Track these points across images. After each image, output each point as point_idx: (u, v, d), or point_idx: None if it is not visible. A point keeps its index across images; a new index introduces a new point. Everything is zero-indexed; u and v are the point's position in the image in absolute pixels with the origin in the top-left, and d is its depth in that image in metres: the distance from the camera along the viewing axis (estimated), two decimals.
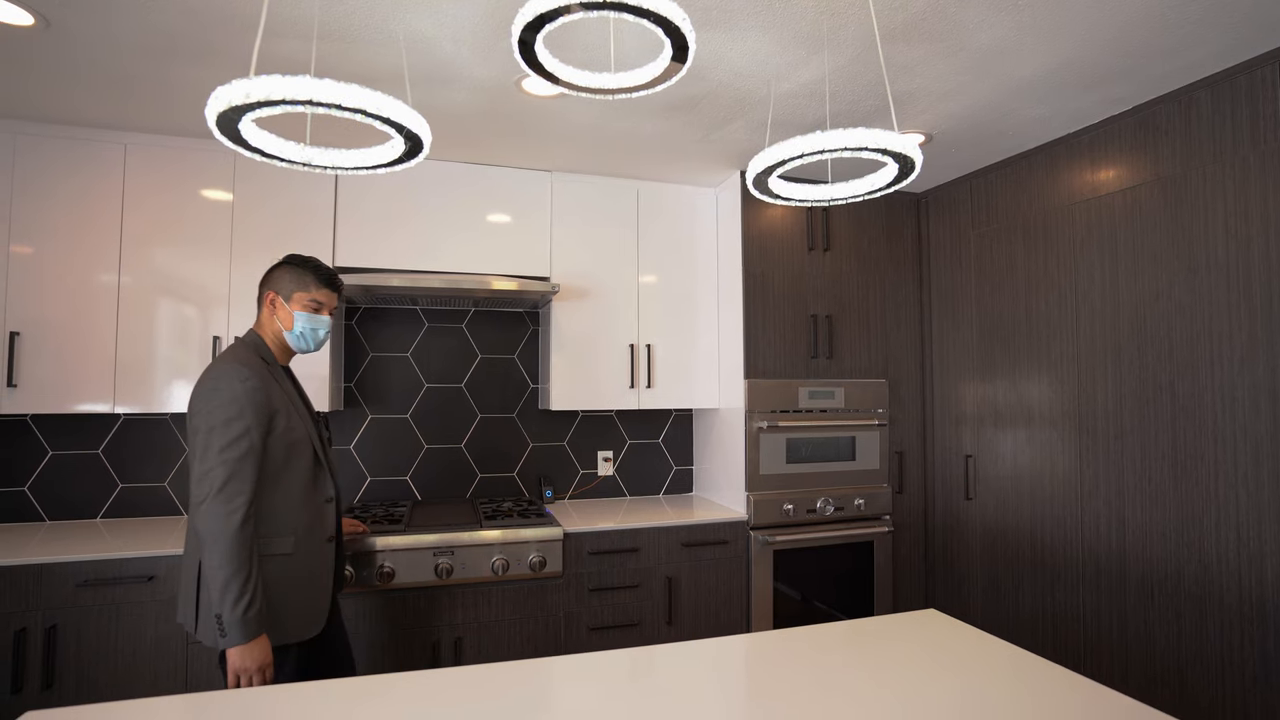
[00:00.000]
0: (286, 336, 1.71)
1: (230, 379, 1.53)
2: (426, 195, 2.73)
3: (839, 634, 1.45)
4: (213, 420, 1.49)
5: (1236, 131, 1.94)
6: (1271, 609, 1.84)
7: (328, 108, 0.83)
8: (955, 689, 1.17)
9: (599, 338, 2.89)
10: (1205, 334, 2.00)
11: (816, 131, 1.00)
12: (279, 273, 1.71)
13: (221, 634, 1.44)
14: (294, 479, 1.62)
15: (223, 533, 1.44)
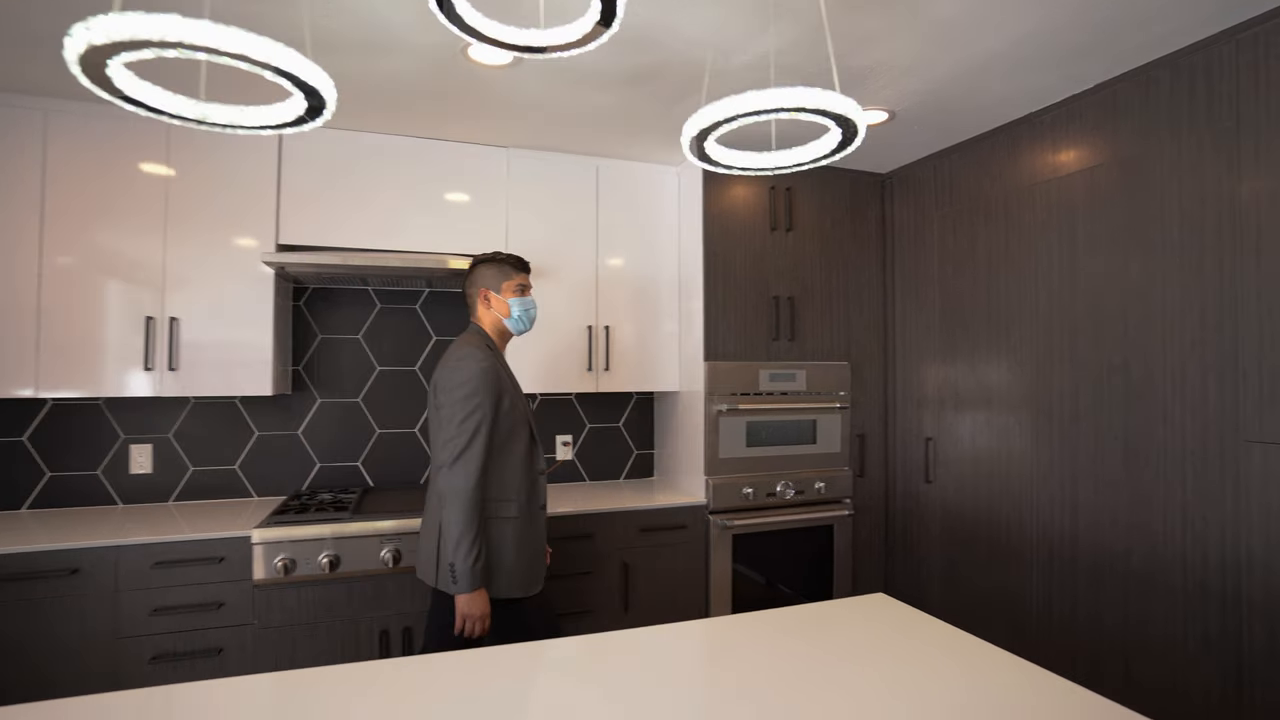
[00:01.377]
0: (507, 323, 1.92)
1: (470, 360, 1.75)
2: (378, 171, 2.61)
3: (788, 619, 1.42)
4: (455, 395, 1.72)
5: (1193, 111, 1.92)
6: (1214, 589, 1.85)
7: (201, 52, 0.74)
8: (896, 673, 1.14)
9: (556, 319, 2.81)
10: (1159, 316, 1.99)
11: (750, 91, 0.94)
12: (480, 272, 1.92)
13: (453, 580, 1.67)
14: (516, 452, 1.81)
15: (460, 492, 1.67)
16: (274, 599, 2.15)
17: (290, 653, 2.16)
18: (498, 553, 1.74)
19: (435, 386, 1.78)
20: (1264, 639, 1.75)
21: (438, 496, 1.73)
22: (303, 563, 2.17)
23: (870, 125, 2.54)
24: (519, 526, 1.79)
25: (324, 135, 2.56)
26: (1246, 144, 1.80)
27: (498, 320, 1.92)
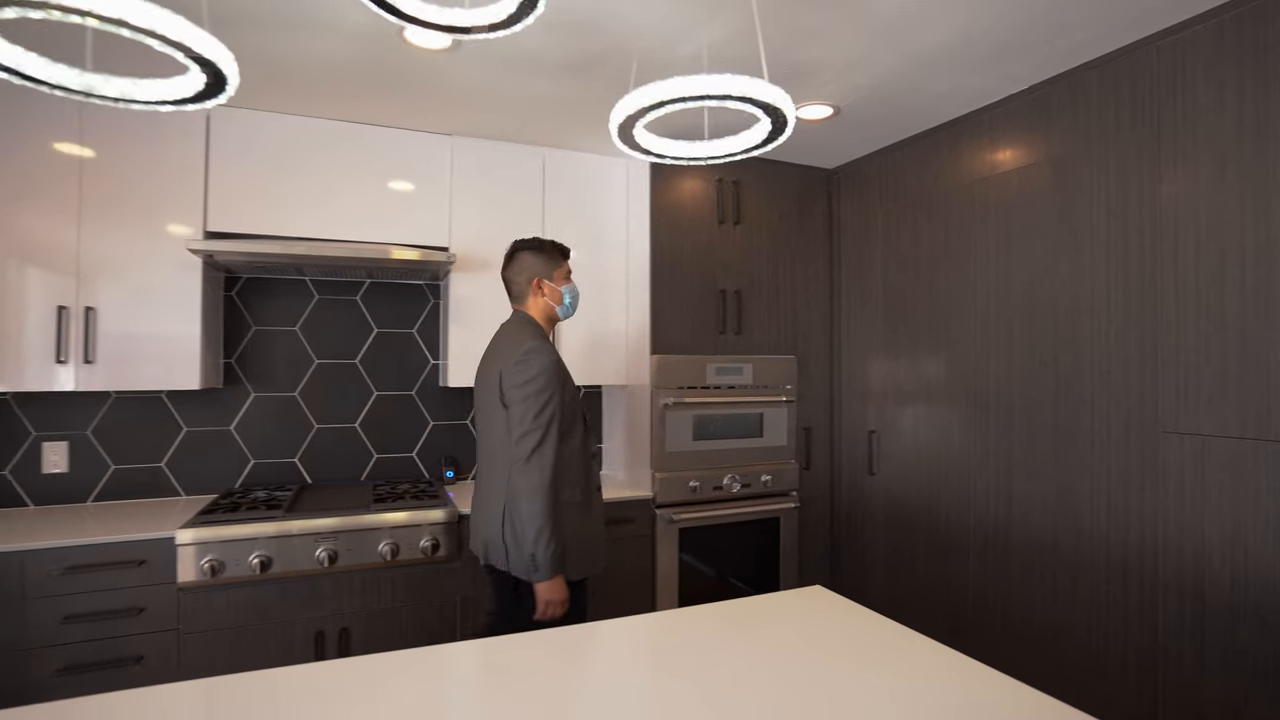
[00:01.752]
0: (558, 310, 1.94)
1: (540, 354, 1.76)
2: (318, 158, 2.52)
3: (729, 613, 1.42)
4: (527, 390, 1.73)
5: (1119, 114, 1.98)
6: (1134, 572, 1.93)
7: (75, 15, 0.68)
8: (825, 665, 1.15)
9: (501, 312, 2.75)
10: (1086, 310, 2.06)
11: (675, 77, 0.92)
12: (528, 259, 1.91)
13: (534, 569, 1.70)
14: (576, 439, 1.84)
15: (539, 486, 1.69)
16: (201, 603, 2.06)
17: (220, 658, 2.07)
18: (563, 538, 1.76)
19: (501, 379, 1.79)
20: (1176, 618, 1.83)
21: (501, 484, 1.79)
22: (232, 564, 2.08)
23: (815, 120, 2.55)
24: (581, 511, 1.83)
25: (259, 119, 2.44)
26: (1166, 146, 1.86)
27: (549, 307, 1.93)
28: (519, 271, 1.92)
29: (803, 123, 2.58)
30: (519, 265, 1.92)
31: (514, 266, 1.93)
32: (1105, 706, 2.00)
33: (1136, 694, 1.92)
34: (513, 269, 1.94)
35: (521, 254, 1.93)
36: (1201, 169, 1.79)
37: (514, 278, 1.94)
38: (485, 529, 1.84)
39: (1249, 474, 1.69)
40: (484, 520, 1.85)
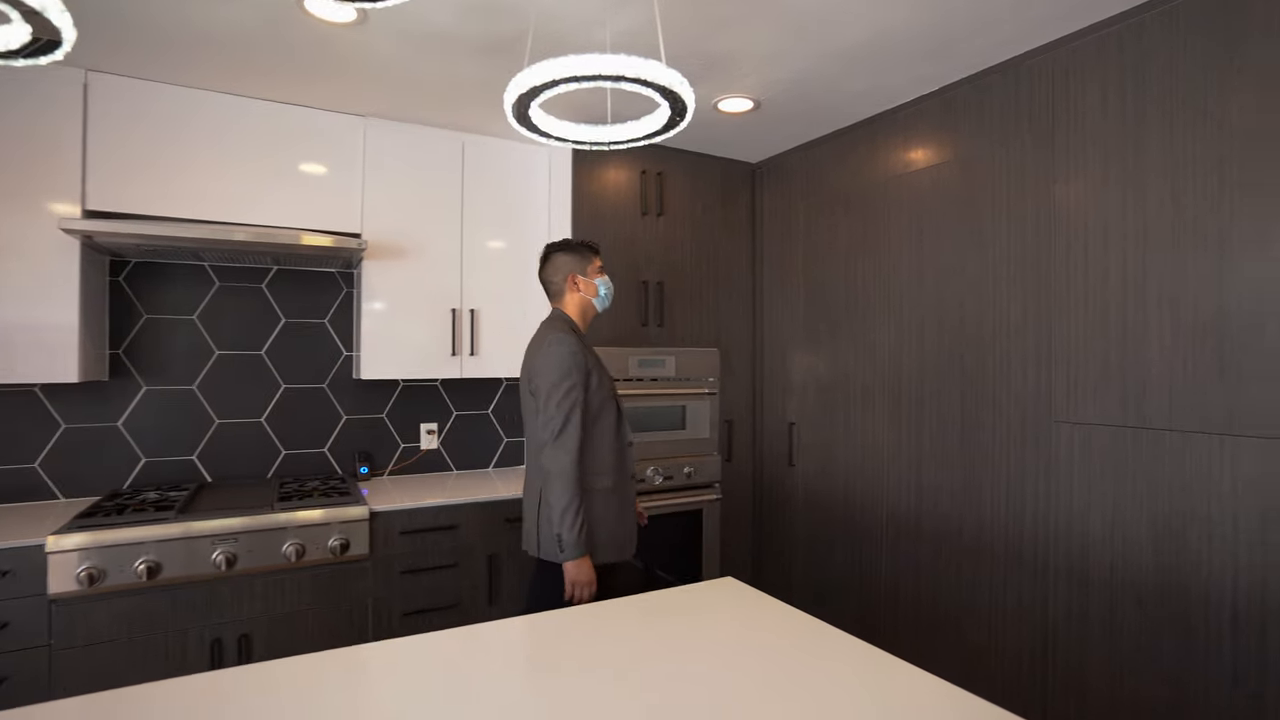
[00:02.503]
0: (595, 302, 2.04)
1: (561, 345, 1.85)
2: (218, 134, 2.35)
3: (643, 605, 1.41)
4: (550, 379, 1.83)
5: (1019, 117, 2.06)
6: (1027, 558, 2.03)
7: None
8: (729, 655, 1.15)
9: (418, 301, 2.66)
10: (990, 308, 2.14)
11: (569, 55, 0.88)
12: (561, 260, 2.02)
13: (560, 550, 1.79)
14: (605, 427, 1.92)
15: (562, 470, 1.78)
16: (77, 615, 1.90)
17: (101, 675, 1.92)
18: (593, 522, 1.86)
19: (529, 372, 1.91)
20: (1064, 600, 1.93)
21: (538, 473, 1.88)
22: (114, 571, 1.93)
23: (737, 113, 2.56)
24: (611, 498, 1.91)
25: (150, 90, 2.26)
26: (1059, 149, 1.95)
27: (586, 301, 2.04)
28: (555, 271, 2.03)
29: (724, 115, 2.58)
30: (554, 265, 2.04)
31: (550, 267, 2.04)
32: (1003, 687, 2.10)
33: (1030, 673, 2.02)
34: (549, 270, 2.05)
35: (555, 255, 2.04)
36: (1089, 170, 1.88)
37: (551, 278, 2.05)
38: (526, 520, 1.97)
39: (1126, 459, 1.79)
40: (526, 511, 1.98)
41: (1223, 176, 1.62)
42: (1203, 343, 1.65)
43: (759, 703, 1.01)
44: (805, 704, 1.01)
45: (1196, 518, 1.67)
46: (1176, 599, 1.70)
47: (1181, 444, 1.69)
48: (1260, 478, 1.56)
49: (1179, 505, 1.70)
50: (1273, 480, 1.54)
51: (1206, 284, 1.65)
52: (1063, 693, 1.94)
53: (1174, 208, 1.71)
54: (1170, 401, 1.71)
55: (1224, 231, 1.62)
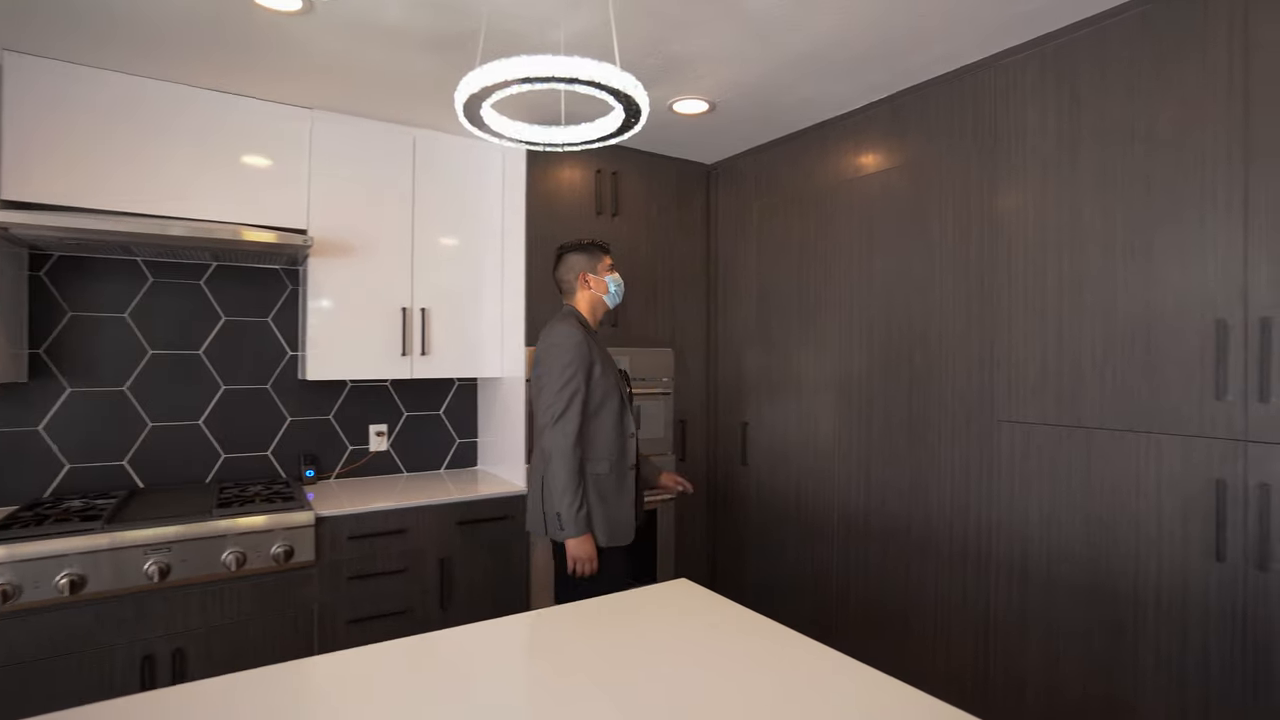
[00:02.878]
0: (605, 299, 2.15)
1: (565, 335, 1.98)
2: (153, 123, 2.24)
3: (596, 609, 1.40)
4: (552, 366, 1.95)
5: (963, 127, 2.12)
6: (971, 551, 2.10)
7: None
8: (687, 657, 1.15)
9: (367, 300, 2.59)
10: (936, 310, 2.20)
11: (522, 55, 0.87)
12: (573, 260, 2.13)
13: (560, 528, 1.92)
14: (607, 416, 2.03)
15: (561, 450, 1.91)
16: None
17: (16, 700, 1.80)
18: (591, 504, 1.97)
19: (536, 359, 2.03)
20: (1005, 593, 2.01)
21: (542, 459, 1.98)
22: (31, 586, 1.82)
23: (693, 115, 2.57)
24: (609, 483, 2.02)
25: (76, 73, 2.13)
26: (1001, 158, 2.02)
27: (596, 298, 2.14)
28: (568, 270, 2.14)
29: (680, 117, 2.59)
30: (567, 265, 2.14)
31: (562, 266, 2.15)
32: (948, 679, 2.16)
33: (973, 663, 2.09)
34: (561, 269, 2.15)
35: (568, 255, 2.15)
36: (1028, 181, 1.95)
37: (564, 276, 2.15)
38: (529, 503, 2.08)
39: (1062, 457, 1.87)
40: (530, 495, 2.08)
41: (1148, 191, 1.71)
42: (1130, 347, 1.74)
43: (715, 707, 1.02)
44: (761, 706, 1.02)
45: (1125, 512, 1.75)
46: (1106, 589, 1.78)
47: (1112, 442, 1.77)
48: (1180, 473, 1.65)
49: (1109, 500, 1.78)
50: (1191, 475, 1.63)
51: (1134, 292, 1.73)
52: (1003, 683, 2.01)
53: (1105, 219, 1.79)
54: (1101, 402, 1.79)
55: (1150, 243, 1.70)
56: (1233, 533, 1.57)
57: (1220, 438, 1.59)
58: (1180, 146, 1.65)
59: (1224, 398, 1.58)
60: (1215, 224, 1.60)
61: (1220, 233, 1.59)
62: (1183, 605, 1.65)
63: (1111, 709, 1.78)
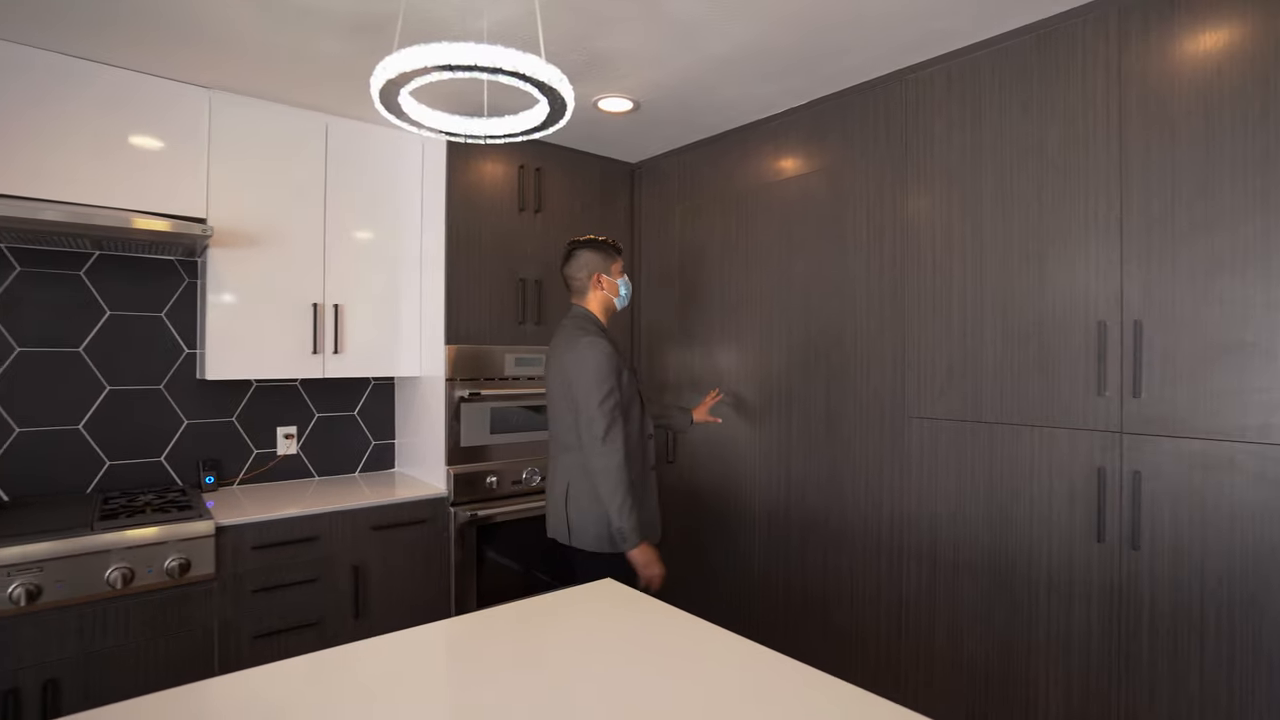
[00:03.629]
0: (616, 301, 2.12)
1: (597, 349, 1.92)
2: (20, 95, 2.02)
3: (520, 613, 1.37)
4: (589, 381, 1.89)
5: (877, 134, 2.22)
6: (885, 542, 2.20)
7: None
8: (611, 661, 1.14)
9: (274, 295, 2.44)
10: (851, 310, 2.29)
11: (442, 42, 0.83)
12: (586, 257, 2.08)
13: (623, 541, 1.91)
14: (633, 420, 2.01)
15: (613, 468, 1.87)
16: None
17: None
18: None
19: (564, 371, 1.96)
20: (916, 578, 2.12)
21: (568, 468, 1.98)
22: None
23: (617, 113, 2.56)
24: (640, 487, 2.01)
25: None
26: (911, 166, 2.13)
27: (608, 300, 2.10)
28: (580, 268, 2.07)
29: (605, 114, 2.58)
30: (579, 262, 2.08)
31: (574, 263, 2.08)
32: (863, 663, 2.26)
33: (886, 644, 2.19)
34: (573, 266, 2.09)
35: (581, 252, 2.08)
36: (936, 190, 2.06)
37: (575, 274, 2.09)
38: (552, 507, 2.05)
39: (966, 450, 1.99)
40: (552, 499, 2.05)
41: (1040, 203, 1.84)
42: (1025, 347, 1.87)
43: (645, 706, 1.02)
44: (690, 704, 1.02)
45: (1021, 500, 1.88)
46: (1005, 570, 1.91)
47: (1010, 436, 1.90)
48: (1068, 463, 1.79)
49: (1007, 488, 1.91)
50: (1077, 465, 1.77)
51: (1029, 296, 1.86)
52: (912, 661, 2.12)
53: (1003, 227, 1.91)
54: (1001, 399, 1.92)
55: (1042, 251, 1.84)
56: (1111, 516, 1.72)
57: (1101, 430, 1.73)
58: (1066, 164, 1.79)
59: (1104, 393, 1.72)
60: (1097, 236, 1.74)
61: (1101, 244, 1.73)
62: (1069, 583, 1.79)
63: (1009, 682, 1.91)
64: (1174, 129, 1.62)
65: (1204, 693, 1.59)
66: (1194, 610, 1.60)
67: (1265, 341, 1.50)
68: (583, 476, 1.97)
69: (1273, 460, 1.49)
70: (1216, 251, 1.57)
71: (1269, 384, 1.49)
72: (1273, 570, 1.50)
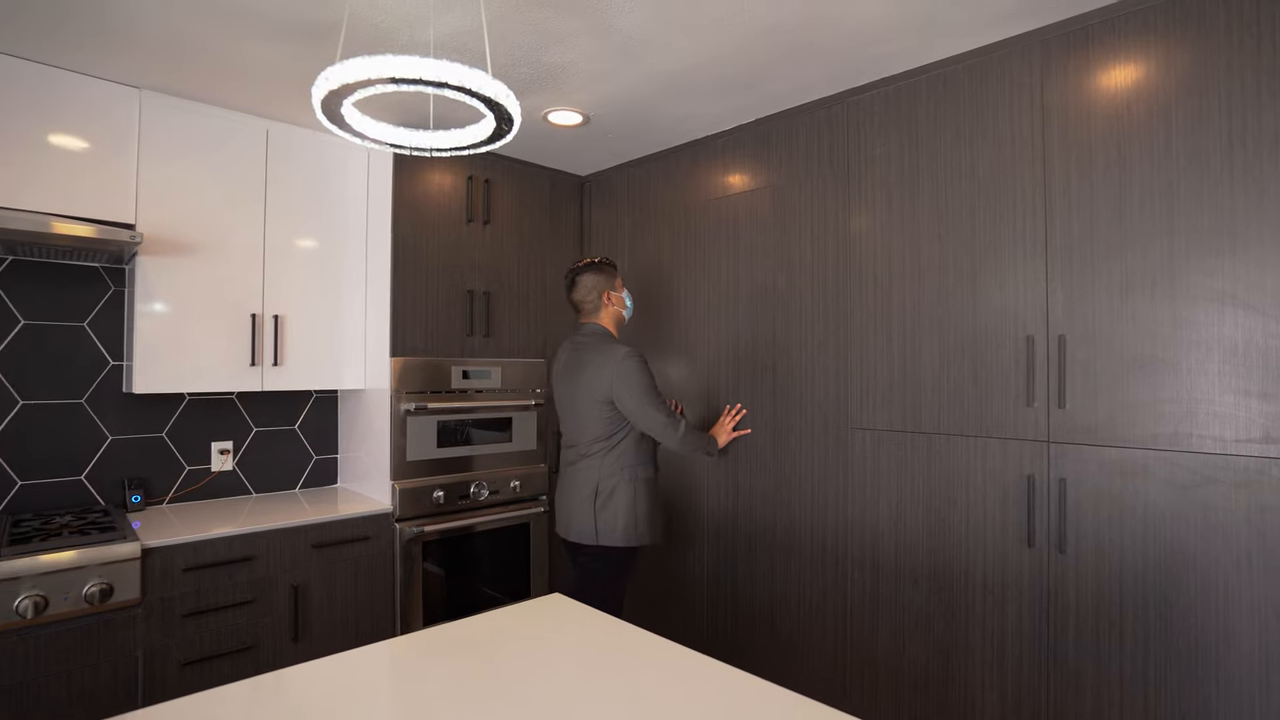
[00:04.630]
0: (624, 314, 2.31)
1: (636, 357, 2.11)
2: None
3: (468, 630, 1.34)
4: (642, 384, 2.09)
5: (820, 153, 2.29)
6: (830, 550, 2.25)
7: None
8: (562, 673, 1.14)
9: (210, 305, 2.35)
10: (796, 323, 2.35)
11: (389, 53, 0.83)
12: (591, 279, 2.24)
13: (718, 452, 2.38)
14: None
15: (682, 438, 2.14)
16: None
17: None
18: (640, 506, 2.14)
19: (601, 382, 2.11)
20: (859, 584, 2.17)
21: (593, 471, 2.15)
22: None
23: (567, 126, 2.57)
24: (651, 487, 2.19)
25: None
26: (853, 185, 2.20)
27: (618, 314, 2.28)
28: (588, 290, 2.24)
29: (554, 127, 2.59)
30: (585, 286, 2.24)
31: (581, 288, 2.24)
32: (810, 671, 2.30)
33: (832, 652, 2.24)
34: (580, 290, 2.24)
35: (583, 276, 2.24)
36: (877, 208, 2.14)
37: (585, 297, 2.25)
38: (576, 513, 2.16)
39: (907, 459, 2.06)
40: (575, 506, 2.17)
41: (973, 223, 1.93)
42: (961, 360, 1.95)
43: None
44: (640, 718, 1.03)
45: (957, 505, 1.96)
46: (943, 575, 1.99)
47: (947, 445, 1.98)
48: (1000, 471, 1.87)
49: (945, 496, 1.98)
50: (1009, 473, 1.86)
51: (963, 311, 1.95)
52: (857, 666, 2.17)
53: (939, 246, 2.00)
54: (938, 410, 1.99)
55: (976, 269, 1.93)
56: (1039, 521, 1.81)
57: (1030, 439, 1.82)
58: (996, 187, 1.89)
59: (1033, 404, 1.82)
60: (1025, 256, 1.84)
61: (1028, 263, 1.83)
62: (1002, 586, 1.87)
63: (948, 684, 1.97)
64: (1091, 158, 1.73)
65: (1123, 685, 1.68)
66: (1114, 609, 1.70)
67: (1173, 357, 1.61)
68: (613, 475, 2.13)
69: (1181, 467, 1.60)
70: (1129, 272, 1.68)
71: (1177, 396, 1.60)
72: (1182, 569, 1.60)
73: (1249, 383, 1.52)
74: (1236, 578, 1.54)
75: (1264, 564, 1.51)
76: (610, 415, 2.12)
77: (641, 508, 2.14)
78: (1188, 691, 1.59)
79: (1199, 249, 1.58)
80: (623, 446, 2.15)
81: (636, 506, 2.13)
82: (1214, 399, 1.56)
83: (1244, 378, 1.52)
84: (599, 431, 2.14)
